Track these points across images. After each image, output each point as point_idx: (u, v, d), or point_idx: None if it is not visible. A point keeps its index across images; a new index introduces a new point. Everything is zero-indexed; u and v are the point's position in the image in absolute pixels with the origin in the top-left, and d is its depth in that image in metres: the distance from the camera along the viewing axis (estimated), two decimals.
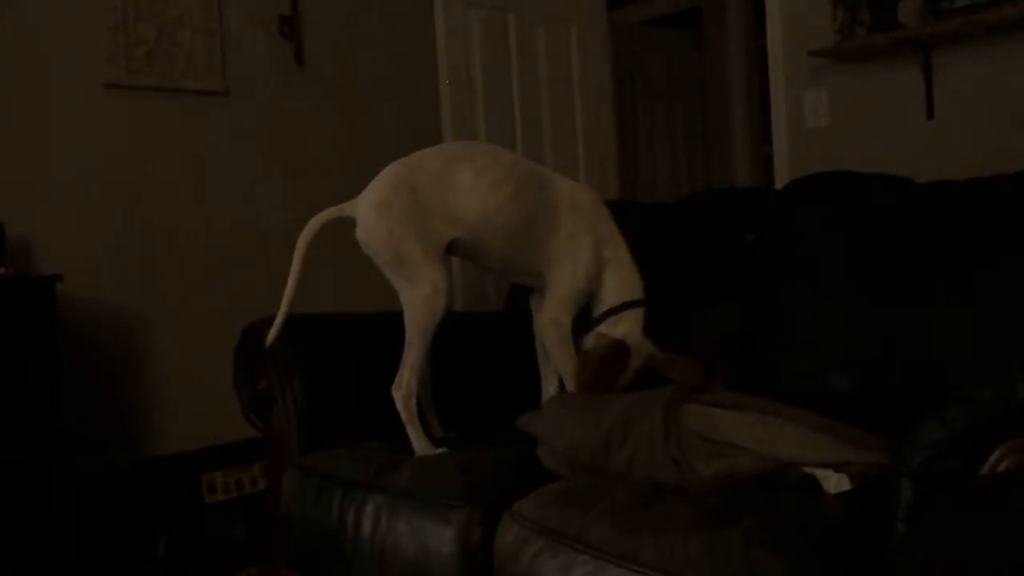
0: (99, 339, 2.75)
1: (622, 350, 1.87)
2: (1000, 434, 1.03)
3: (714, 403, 1.50)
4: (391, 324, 1.84)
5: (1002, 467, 1.02)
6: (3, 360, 2.19)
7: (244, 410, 2.05)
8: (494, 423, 1.86)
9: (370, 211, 1.82)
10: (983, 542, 0.87)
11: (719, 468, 1.36)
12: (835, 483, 1.33)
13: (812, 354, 1.82)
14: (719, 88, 5.28)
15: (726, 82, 5.21)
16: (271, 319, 1.91)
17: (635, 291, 1.96)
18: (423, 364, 1.83)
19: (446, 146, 2.05)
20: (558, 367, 1.96)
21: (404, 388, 1.79)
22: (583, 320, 1.97)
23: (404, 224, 1.80)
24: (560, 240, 1.93)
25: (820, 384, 1.78)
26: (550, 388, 2.05)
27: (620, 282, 1.95)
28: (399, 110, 3.48)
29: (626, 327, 1.92)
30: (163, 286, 2.89)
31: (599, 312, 1.95)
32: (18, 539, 2.18)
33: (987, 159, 2.02)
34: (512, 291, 2.44)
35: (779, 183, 3.04)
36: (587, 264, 1.93)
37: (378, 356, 1.88)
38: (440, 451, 1.78)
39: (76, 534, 2.32)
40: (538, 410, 1.77)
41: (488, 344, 2.29)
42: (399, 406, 1.79)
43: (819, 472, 1.35)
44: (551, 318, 1.92)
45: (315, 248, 1.86)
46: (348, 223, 1.85)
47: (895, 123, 2.85)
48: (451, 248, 1.88)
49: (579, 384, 1.86)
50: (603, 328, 1.94)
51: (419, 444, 1.78)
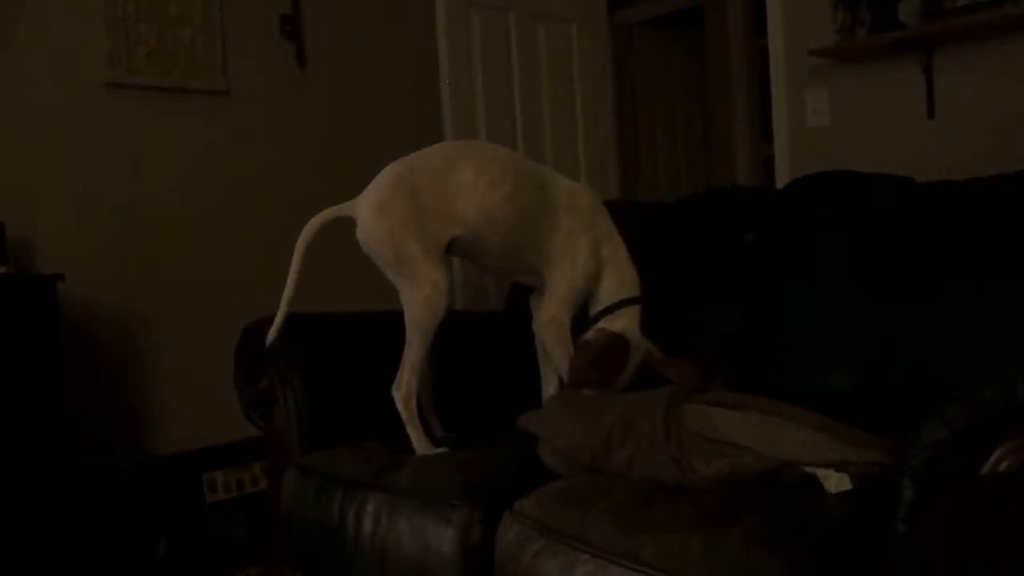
0: (100, 338, 2.75)
1: (621, 343, 1.87)
2: (1001, 434, 1.03)
3: (715, 402, 1.50)
4: (391, 324, 1.84)
5: (1003, 467, 1.02)
6: (4, 359, 2.20)
7: (245, 409, 2.05)
8: (494, 422, 1.86)
9: (370, 212, 1.81)
10: (983, 542, 0.87)
11: (720, 467, 1.36)
12: (836, 483, 1.33)
13: (812, 354, 1.82)
14: (720, 88, 5.27)
15: (727, 82, 5.21)
16: (272, 318, 1.91)
17: (633, 290, 1.96)
18: (423, 364, 1.83)
19: (445, 145, 2.05)
20: (557, 366, 1.96)
21: (404, 388, 1.79)
22: (582, 319, 1.97)
23: (405, 224, 1.79)
24: (559, 239, 1.93)
25: (820, 384, 1.78)
26: (550, 387, 2.05)
27: (618, 281, 1.95)
28: (400, 110, 3.49)
29: (623, 324, 1.92)
30: (164, 285, 2.89)
31: (597, 310, 1.95)
32: (19, 538, 2.18)
33: (988, 159, 2.02)
34: (513, 290, 2.44)
35: (780, 183, 3.04)
36: (586, 263, 1.93)
37: (379, 356, 1.88)
38: (440, 451, 1.78)
39: (77, 533, 2.32)
40: (538, 409, 1.77)
41: (488, 343, 2.29)
42: (399, 406, 1.79)
43: (820, 472, 1.35)
44: (550, 317, 1.92)
45: (315, 248, 1.86)
46: (348, 223, 1.85)
47: (896, 123, 2.85)
48: (451, 247, 1.88)
49: (575, 375, 1.84)
50: (601, 325, 1.94)
51: (419, 444, 1.78)
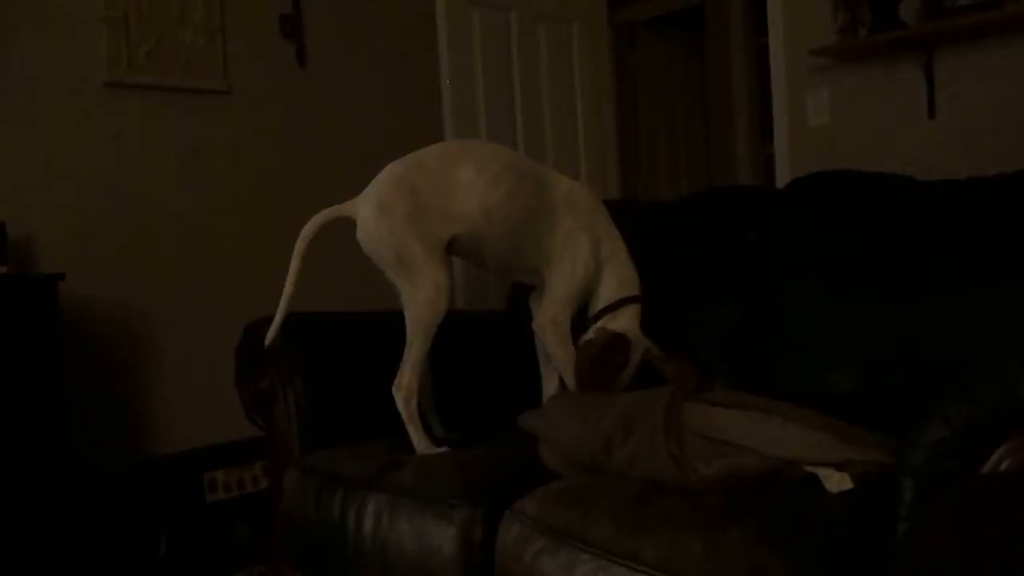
0: (101, 338, 2.75)
1: (623, 342, 1.87)
2: (1002, 433, 1.03)
3: (715, 402, 1.50)
4: (392, 323, 1.84)
5: (1004, 466, 1.02)
6: (5, 359, 2.20)
7: (246, 409, 2.05)
8: (495, 422, 1.86)
9: (371, 212, 1.81)
10: (984, 541, 0.87)
11: (720, 467, 1.36)
12: (837, 482, 1.33)
13: (812, 354, 1.82)
14: (720, 87, 5.27)
15: (727, 81, 5.21)
16: (272, 318, 1.91)
17: (633, 289, 1.96)
18: (424, 363, 1.83)
19: (445, 144, 2.05)
20: (558, 366, 1.96)
21: (405, 388, 1.79)
22: (582, 319, 1.97)
23: (405, 224, 1.79)
24: (558, 238, 1.93)
25: (820, 384, 1.78)
26: (551, 387, 2.05)
27: (618, 280, 1.95)
28: (401, 109, 3.48)
29: (624, 323, 1.92)
30: (165, 285, 2.89)
31: (597, 309, 1.95)
32: (19, 537, 2.18)
33: (988, 158, 2.02)
34: (514, 290, 2.44)
35: (780, 182, 3.04)
36: (585, 262, 1.93)
37: (379, 355, 1.88)
38: (441, 450, 1.78)
39: (78, 533, 2.32)
40: (539, 409, 1.77)
41: (489, 343, 2.29)
42: (400, 406, 1.79)
43: (821, 471, 1.35)
44: (550, 317, 1.92)
45: (315, 248, 1.85)
46: (348, 223, 1.85)
47: (896, 122, 2.85)
48: (450, 246, 1.88)
49: (577, 376, 1.85)
50: (601, 325, 1.94)
51: (420, 443, 1.78)
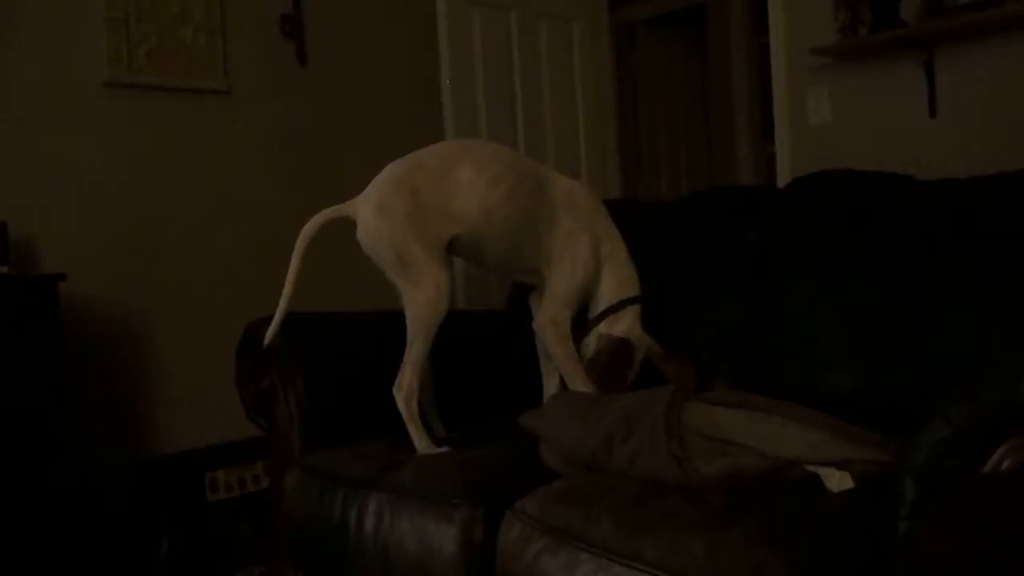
0: (102, 337, 2.75)
1: (626, 347, 1.87)
2: (1003, 433, 1.03)
3: (716, 401, 1.50)
4: (393, 323, 1.84)
5: (1004, 465, 1.02)
6: (6, 359, 2.20)
7: (247, 409, 2.05)
8: (496, 422, 1.86)
9: (371, 213, 1.81)
10: (985, 541, 0.87)
11: (721, 466, 1.36)
12: (838, 481, 1.34)
13: (812, 354, 1.82)
14: (721, 86, 5.27)
15: (728, 80, 5.21)
16: (273, 318, 1.91)
17: (633, 288, 1.96)
18: (424, 363, 1.83)
19: (445, 144, 2.05)
20: (558, 365, 1.96)
21: (405, 388, 1.79)
22: (582, 319, 1.97)
23: (405, 224, 1.79)
24: (558, 238, 1.93)
25: (820, 384, 1.78)
26: (551, 387, 2.05)
27: (618, 280, 1.95)
28: (400, 109, 3.48)
29: (625, 324, 1.93)
30: (166, 285, 2.89)
31: (598, 310, 1.95)
32: (20, 538, 2.18)
33: (989, 157, 2.02)
34: (514, 289, 2.44)
35: (781, 181, 3.04)
36: (585, 262, 1.93)
37: (380, 355, 1.88)
38: (442, 450, 1.78)
39: (79, 533, 2.33)
40: (540, 408, 1.77)
41: (490, 343, 2.29)
42: (400, 406, 1.79)
43: (822, 470, 1.35)
44: (550, 316, 1.92)
45: (315, 248, 1.85)
46: (348, 223, 1.84)
47: (897, 121, 2.85)
48: (451, 246, 1.88)
49: (596, 380, 1.88)
50: (603, 327, 1.94)
51: (421, 443, 1.78)
